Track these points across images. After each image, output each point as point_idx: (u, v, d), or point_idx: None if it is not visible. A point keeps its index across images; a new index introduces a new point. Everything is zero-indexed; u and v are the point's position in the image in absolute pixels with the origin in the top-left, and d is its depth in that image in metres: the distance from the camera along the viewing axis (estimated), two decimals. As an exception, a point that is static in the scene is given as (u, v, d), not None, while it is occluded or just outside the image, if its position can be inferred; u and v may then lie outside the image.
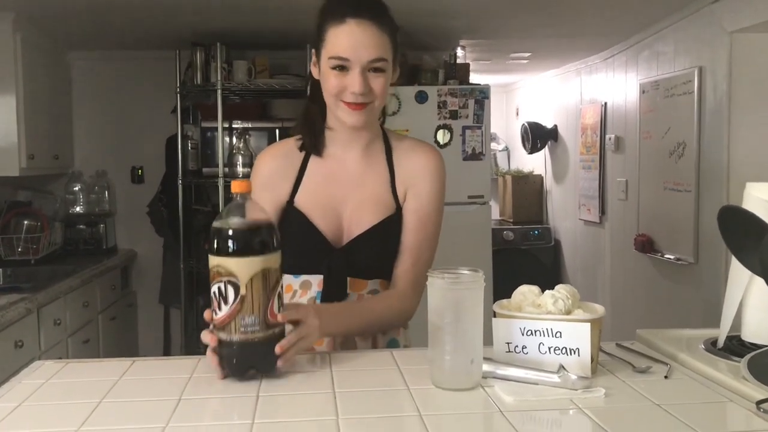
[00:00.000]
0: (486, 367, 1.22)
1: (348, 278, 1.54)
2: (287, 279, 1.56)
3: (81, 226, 4.15)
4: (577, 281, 5.13)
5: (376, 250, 1.56)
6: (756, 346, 1.31)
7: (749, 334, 1.35)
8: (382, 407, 1.16)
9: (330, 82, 1.47)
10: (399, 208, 1.57)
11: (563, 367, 1.18)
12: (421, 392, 1.18)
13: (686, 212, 3.45)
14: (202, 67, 3.91)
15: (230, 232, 1.21)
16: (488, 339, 1.24)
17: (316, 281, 1.55)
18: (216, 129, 3.89)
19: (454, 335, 1.17)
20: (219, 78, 3.81)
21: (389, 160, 1.59)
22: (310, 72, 1.56)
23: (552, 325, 1.22)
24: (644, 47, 3.96)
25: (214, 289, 1.21)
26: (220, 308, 1.21)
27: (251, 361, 1.23)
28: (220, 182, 3.86)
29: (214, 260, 1.21)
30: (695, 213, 3.38)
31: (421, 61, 4.14)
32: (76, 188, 4.28)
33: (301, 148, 1.59)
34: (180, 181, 3.94)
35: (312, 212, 1.55)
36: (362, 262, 1.54)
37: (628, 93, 4.18)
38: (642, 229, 3.95)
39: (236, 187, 1.24)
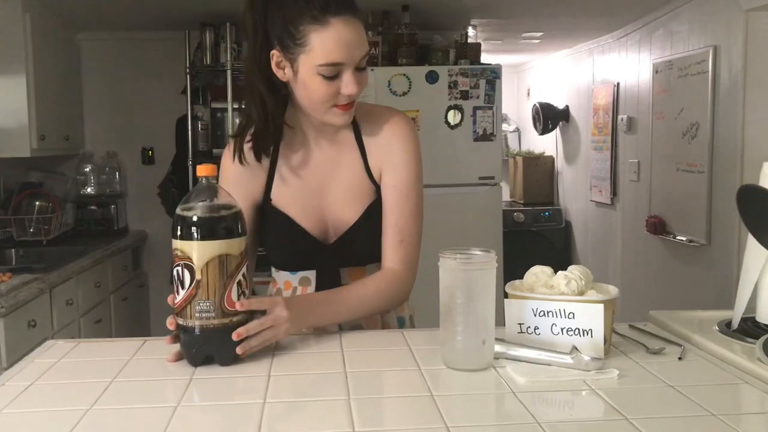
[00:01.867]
0: (498, 347, 1.21)
1: (345, 269, 1.51)
2: (285, 276, 1.56)
3: (92, 207, 4.16)
4: (588, 263, 5.11)
5: (366, 239, 1.50)
6: (771, 328, 1.29)
7: (764, 316, 1.34)
8: (394, 387, 1.16)
9: (320, 90, 1.35)
10: (378, 191, 1.50)
11: (576, 348, 1.17)
12: (433, 372, 1.17)
13: (699, 193, 3.42)
14: (212, 48, 3.90)
15: (187, 216, 1.20)
16: (500, 320, 1.23)
17: (314, 276, 1.53)
18: (226, 110, 3.88)
19: (465, 316, 1.16)
20: (229, 58, 3.80)
21: (359, 141, 1.50)
22: (257, 64, 1.39)
23: (565, 306, 1.21)
24: (658, 26, 3.91)
25: (174, 272, 1.21)
26: (178, 292, 1.21)
27: (208, 348, 1.21)
28: (230, 163, 3.84)
29: (174, 243, 1.21)
30: (708, 194, 3.35)
31: (432, 41, 4.11)
32: (87, 169, 4.29)
33: (255, 153, 1.47)
34: (190, 162, 3.94)
35: (292, 211, 1.49)
36: (354, 253, 1.51)
37: (641, 73, 4.14)
38: (654, 210, 3.92)
39: (201, 170, 1.23)
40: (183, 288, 1.20)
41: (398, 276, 1.48)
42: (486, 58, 4.32)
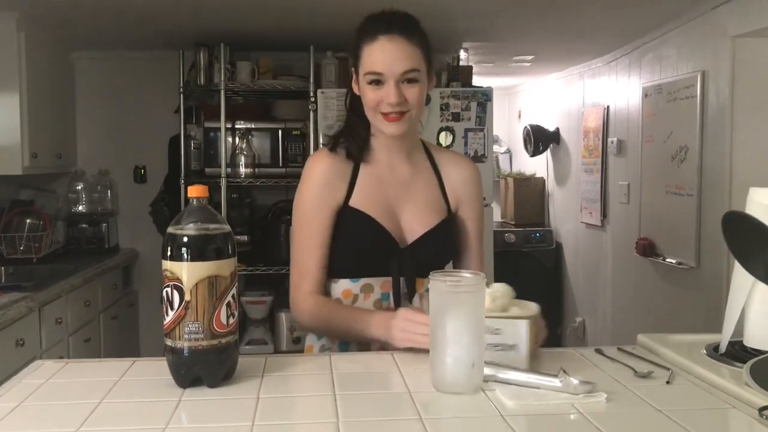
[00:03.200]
0: (487, 370, 1.21)
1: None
2: (344, 285, 1.60)
3: (83, 225, 4.14)
4: (579, 284, 5.12)
5: (438, 249, 1.64)
6: (758, 352, 1.30)
7: (752, 340, 1.34)
8: (383, 410, 1.15)
9: (368, 96, 1.56)
10: (450, 212, 1.69)
11: (565, 371, 1.17)
12: (422, 395, 1.17)
13: (688, 216, 3.44)
14: (206, 68, 3.91)
15: (177, 237, 1.21)
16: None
17: (378, 283, 1.59)
18: (219, 129, 3.89)
19: (455, 339, 1.17)
20: (222, 78, 3.81)
21: (434, 168, 1.71)
22: (350, 88, 1.65)
23: (491, 323, 1.25)
24: (647, 51, 3.95)
25: (163, 293, 1.21)
26: (167, 313, 1.21)
27: (197, 369, 1.21)
28: (223, 182, 3.86)
29: (164, 264, 1.21)
30: (697, 217, 3.38)
31: (424, 63, 4.13)
32: (79, 187, 4.28)
33: (347, 155, 1.64)
34: (182, 181, 3.94)
35: (372, 212, 1.60)
36: (427, 260, 1.57)
37: (630, 96, 4.18)
38: (644, 232, 3.94)
39: (193, 192, 1.24)
40: (172, 309, 1.20)
41: None
42: (477, 80, 4.35)
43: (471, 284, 1.19)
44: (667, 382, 1.24)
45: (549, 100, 5.62)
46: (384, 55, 1.53)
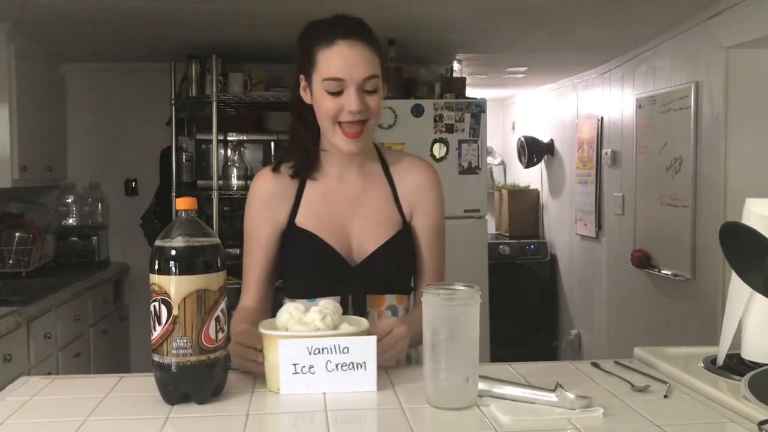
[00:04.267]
0: (482, 385, 1.19)
1: (366, 296, 1.54)
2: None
3: (73, 239, 4.11)
4: (574, 296, 5.11)
5: (391, 265, 1.56)
6: (756, 365, 1.28)
7: (749, 353, 1.32)
8: (376, 426, 1.13)
9: (325, 105, 1.46)
10: (405, 223, 1.59)
11: (561, 386, 1.15)
12: (416, 411, 1.15)
13: (683, 228, 3.43)
14: (198, 80, 3.89)
15: (165, 250, 1.18)
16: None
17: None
18: (211, 141, 3.87)
19: (449, 353, 1.14)
20: (214, 90, 3.80)
21: (388, 176, 1.60)
22: (296, 97, 1.55)
23: (339, 342, 1.22)
24: (641, 62, 3.96)
25: (151, 307, 1.19)
26: (154, 328, 1.18)
27: (185, 385, 1.18)
28: (215, 195, 3.83)
29: (152, 278, 1.19)
30: (692, 228, 3.37)
31: (418, 75, 4.13)
32: (69, 200, 4.25)
33: (293, 174, 1.56)
34: (174, 194, 3.91)
35: (317, 231, 1.53)
36: (379, 278, 1.54)
37: (624, 108, 4.18)
38: (639, 244, 3.93)
39: (181, 204, 1.22)
40: (159, 324, 1.17)
41: None
42: (471, 92, 4.35)
43: (465, 297, 1.16)
44: (665, 396, 1.22)
45: (543, 111, 5.62)
46: (344, 60, 1.44)
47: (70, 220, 4.23)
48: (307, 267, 1.55)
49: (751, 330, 1.32)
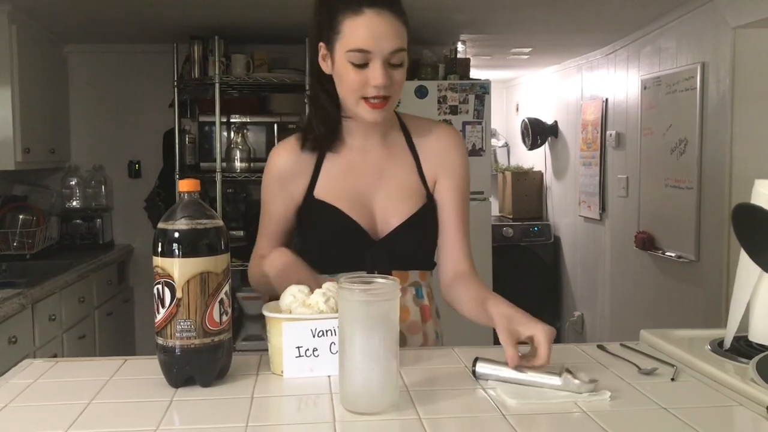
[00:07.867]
0: (487, 369, 1.19)
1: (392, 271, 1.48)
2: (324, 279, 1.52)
3: (77, 221, 4.11)
4: (577, 278, 5.10)
5: (415, 241, 1.51)
6: (764, 347, 1.28)
7: (757, 335, 1.32)
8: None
9: (349, 78, 1.39)
10: (429, 196, 1.53)
11: (567, 368, 1.14)
12: (420, 393, 1.14)
13: (688, 209, 3.42)
14: (200, 61, 3.87)
15: (168, 233, 1.17)
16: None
17: None
18: (214, 123, 3.85)
19: (366, 352, 1.05)
20: (217, 72, 3.77)
21: (410, 146, 1.55)
22: (314, 65, 1.48)
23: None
24: (646, 43, 3.92)
25: (154, 290, 1.18)
26: (158, 311, 1.17)
27: (189, 368, 1.18)
28: (218, 177, 3.82)
29: (155, 260, 1.18)
30: (697, 210, 3.35)
31: (421, 56, 4.10)
32: (73, 182, 4.24)
33: (314, 147, 1.51)
34: (177, 176, 3.90)
35: (337, 203, 1.48)
36: (404, 253, 1.50)
37: (629, 89, 4.15)
38: (643, 226, 3.92)
39: (184, 186, 1.20)
40: (163, 306, 1.17)
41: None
42: (475, 73, 4.32)
43: (383, 292, 1.06)
44: (672, 379, 1.21)
45: (547, 93, 5.58)
46: (371, 31, 1.36)
47: (74, 203, 4.23)
48: (325, 238, 1.51)
49: (759, 312, 1.31)
